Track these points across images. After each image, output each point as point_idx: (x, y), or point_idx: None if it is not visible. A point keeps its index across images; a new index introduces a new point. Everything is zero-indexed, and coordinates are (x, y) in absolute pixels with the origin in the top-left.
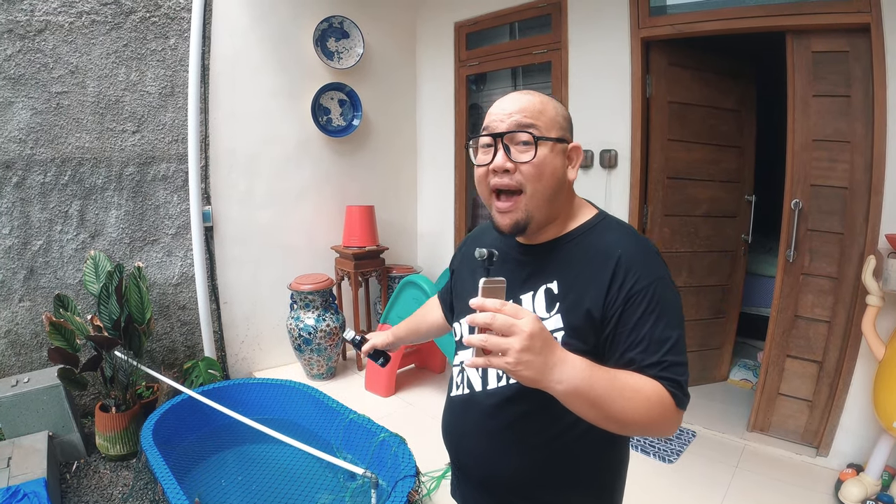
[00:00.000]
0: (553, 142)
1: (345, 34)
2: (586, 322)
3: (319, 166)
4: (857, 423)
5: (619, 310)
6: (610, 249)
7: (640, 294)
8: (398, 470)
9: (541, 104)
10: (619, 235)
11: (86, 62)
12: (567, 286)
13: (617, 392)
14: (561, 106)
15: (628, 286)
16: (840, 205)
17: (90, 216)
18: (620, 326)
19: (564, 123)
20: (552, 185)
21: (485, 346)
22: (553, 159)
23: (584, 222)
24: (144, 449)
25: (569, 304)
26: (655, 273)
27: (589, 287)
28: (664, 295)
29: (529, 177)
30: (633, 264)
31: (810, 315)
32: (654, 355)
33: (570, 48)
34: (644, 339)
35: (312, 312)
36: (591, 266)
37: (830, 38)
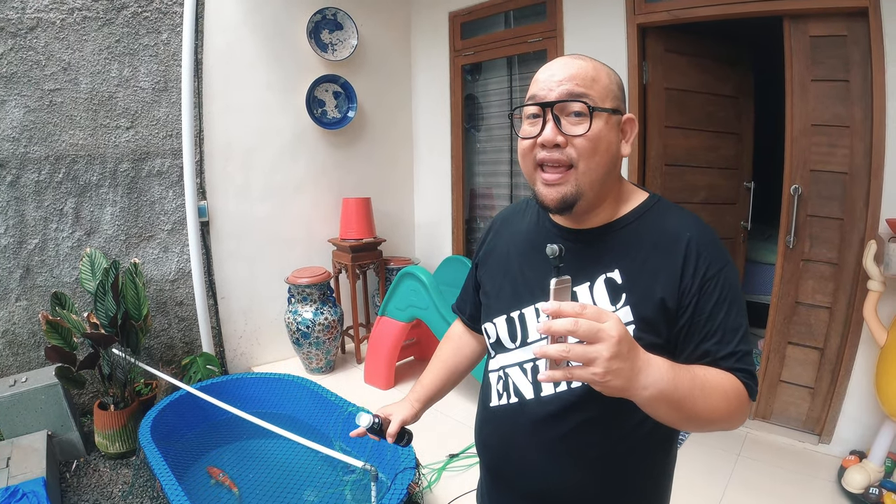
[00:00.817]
0: (608, 113)
1: (338, 26)
2: (660, 313)
3: (315, 159)
4: (859, 410)
5: (696, 297)
6: (677, 232)
7: (713, 279)
8: (398, 462)
9: (594, 70)
10: (683, 217)
11: (78, 59)
12: (633, 275)
13: (698, 391)
14: (614, 73)
15: (702, 271)
16: (840, 190)
17: (85, 213)
18: (697, 315)
19: (619, 92)
20: (606, 161)
21: (567, 357)
22: (608, 132)
23: (640, 205)
24: (143, 446)
25: (638, 295)
26: (725, 257)
27: (659, 274)
28: (734, 281)
29: (583, 151)
30: (703, 248)
31: (811, 301)
32: (729, 345)
33: (566, 36)
34: (719, 329)
35: (310, 306)
36: (658, 251)
37: (828, 22)
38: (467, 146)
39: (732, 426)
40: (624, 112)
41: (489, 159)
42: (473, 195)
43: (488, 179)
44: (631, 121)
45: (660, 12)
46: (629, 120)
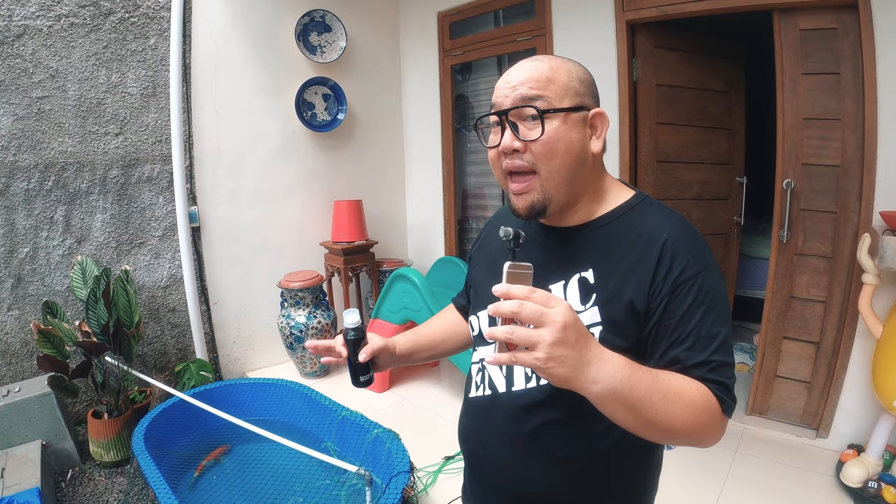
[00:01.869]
0: (566, 112)
1: (327, 28)
2: (628, 315)
3: (305, 162)
4: (856, 404)
5: (665, 300)
6: (654, 233)
7: (687, 283)
8: (392, 466)
9: (550, 70)
10: (664, 218)
11: (66, 66)
12: (605, 275)
13: (659, 395)
14: (578, 67)
15: (675, 273)
16: (832, 183)
17: (76, 221)
18: (665, 319)
19: (582, 88)
20: (569, 162)
21: (510, 340)
22: (567, 132)
23: (622, 203)
24: (136, 454)
25: (607, 295)
26: (704, 261)
27: (631, 275)
28: (713, 286)
29: (540, 156)
30: (680, 249)
31: (806, 295)
32: (702, 353)
33: (555, 33)
34: (691, 335)
35: (303, 310)
36: (633, 251)
37: (818, 15)
38: (458, 146)
39: (703, 441)
40: (591, 107)
41: (480, 159)
42: (465, 195)
43: (480, 179)
44: (599, 115)
45: (648, 8)
46: (597, 114)
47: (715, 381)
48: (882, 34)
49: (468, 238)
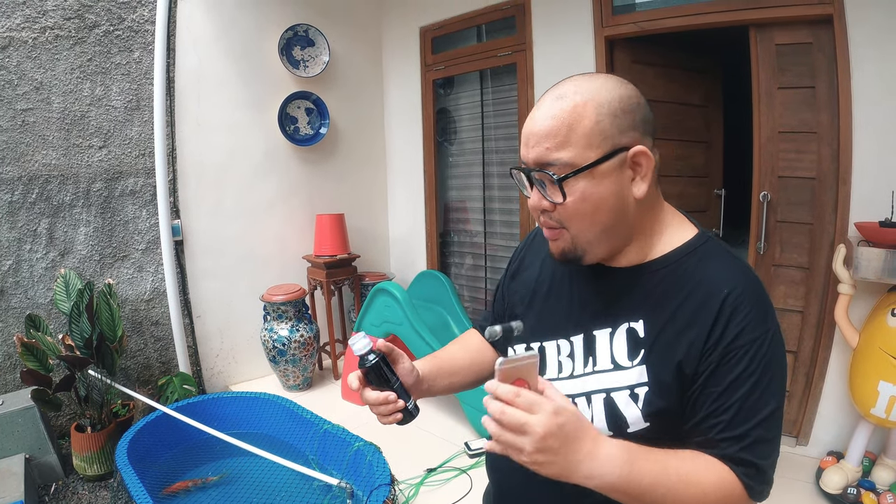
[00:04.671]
0: (594, 167)
1: (310, 42)
2: (676, 378)
3: (288, 176)
4: (835, 411)
5: (714, 365)
6: (715, 284)
7: (743, 348)
8: (373, 479)
9: (573, 113)
10: (727, 267)
11: (50, 78)
12: (656, 329)
13: (663, 489)
14: (614, 94)
15: (731, 336)
16: (808, 195)
17: (59, 234)
18: (710, 386)
19: (614, 125)
20: (602, 219)
21: (498, 440)
22: (596, 188)
23: (681, 245)
24: (119, 468)
25: (659, 354)
26: (766, 324)
27: (685, 333)
28: (772, 354)
29: (567, 218)
30: (741, 307)
31: (783, 306)
32: (739, 427)
33: (535, 49)
34: (732, 407)
35: (286, 323)
36: (690, 305)
37: (793, 30)
38: (440, 160)
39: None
40: (631, 145)
41: (462, 173)
42: (447, 209)
43: (461, 193)
44: (643, 154)
45: (626, 24)
46: (639, 153)
47: (746, 463)
48: (857, 48)
49: (450, 251)
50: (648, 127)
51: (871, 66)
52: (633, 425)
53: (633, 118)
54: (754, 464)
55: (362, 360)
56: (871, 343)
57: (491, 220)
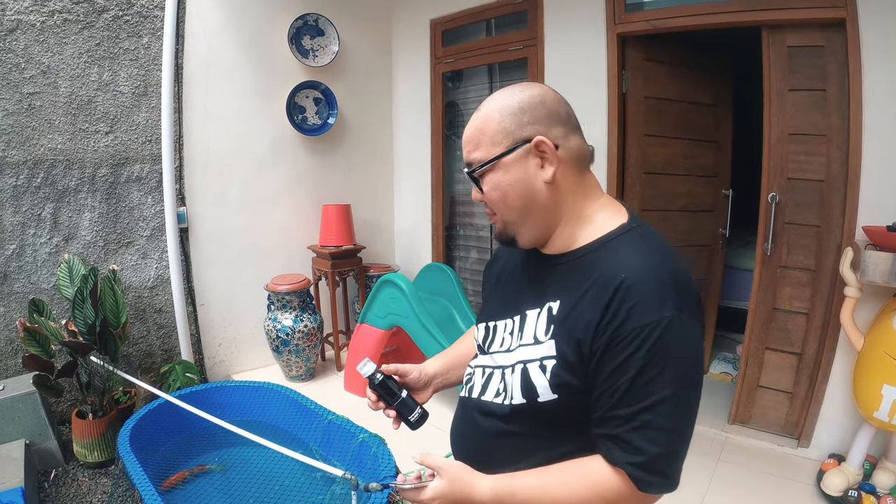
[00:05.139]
0: (498, 159)
1: (320, 32)
2: (576, 354)
3: (295, 165)
4: (837, 414)
5: (604, 346)
6: (613, 272)
7: (632, 333)
8: (378, 471)
9: (483, 121)
10: (633, 255)
11: (58, 62)
12: (566, 309)
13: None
14: (513, 98)
15: (619, 320)
16: (816, 198)
17: (63, 219)
18: (602, 366)
19: (510, 124)
20: (518, 203)
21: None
22: (505, 177)
23: (604, 234)
24: (121, 456)
25: (564, 331)
26: (661, 312)
27: (585, 313)
28: (665, 341)
29: (493, 204)
30: (632, 294)
31: (789, 307)
32: (626, 408)
33: (546, 44)
34: (621, 388)
35: (290, 313)
36: (593, 289)
37: (806, 32)
38: (448, 153)
39: None
40: (527, 139)
41: None
42: (453, 202)
43: (468, 186)
44: (540, 143)
45: (639, 22)
46: (538, 143)
47: (633, 448)
48: (869, 53)
49: (455, 245)
50: (556, 120)
51: (883, 70)
52: (542, 395)
53: (533, 114)
54: (641, 449)
55: (371, 380)
56: (875, 347)
57: None
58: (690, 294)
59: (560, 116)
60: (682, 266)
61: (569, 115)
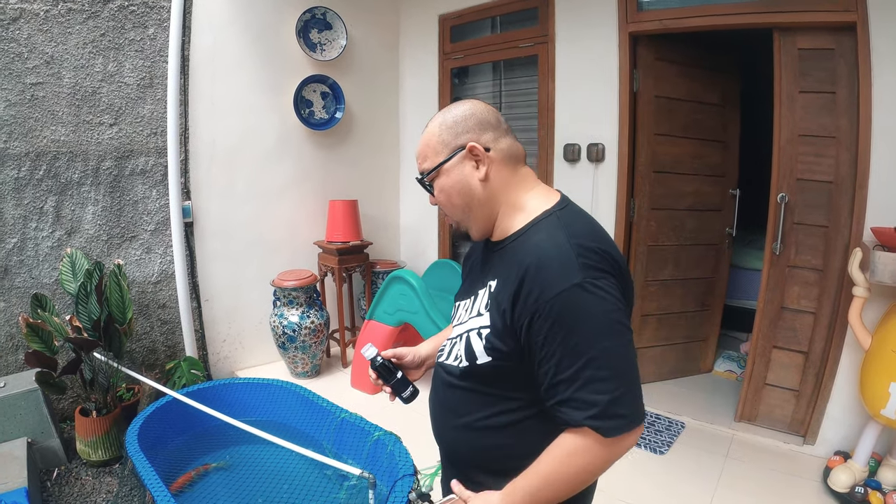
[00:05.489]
0: (440, 167)
1: (328, 25)
2: (503, 323)
3: (301, 160)
4: (843, 412)
5: (527, 321)
6: (525, 256)
7: (544, 310)
8: (395, 469)
9: (427, 137)
10: (542, 238)
11: (62, 52)
12: (499, 286)
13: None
14: (448, 114)
15: (532, 299)
16: (825, 198)
17: (66, 212)
18: (531, 338)
19: (447, 136)
20: (462, 201)
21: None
22: (449, 179)
23: (531, 220)
24: (131, 455)
25: (496, 304)
26: (565, 282)
27: (507, 289)
28: (576, 306)
29: (443, 205)
30: (538, 274)
31: (796, 306)
32: (566, 371)
33: (557, 42)
34: (555, 355)
35: (296, 309)
36: (513, 269)
37: (817, 35)
38: None
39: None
40: (460, 148)
41: None
42: None
43: None
44: (471, 148)
45: (651, 21)
46: (469, 149)
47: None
48: (879, 57)
49: (461, 241)
50: (486, 127)
51: (892, 74)
52: (479, 358)
53: (465, 125)
54: (592, 401)
55: (373, 362)
56: (883, 345)
57: None
58: (595, 256)
59: (490, 123)
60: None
61: (498, 121)
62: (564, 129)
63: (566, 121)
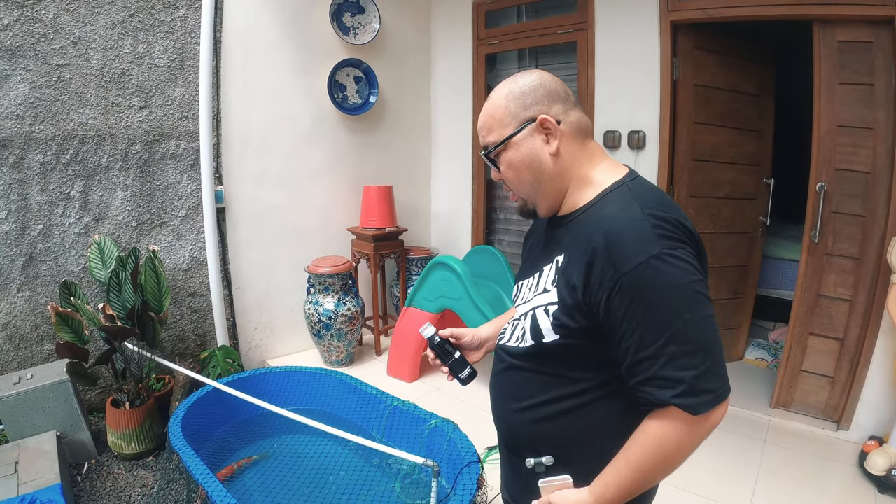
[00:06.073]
0: (508, 140)
1: (360, 9)
2: (573, 299)
3: (335, 145)
4: (877, 398)
5: (603, 299)
6: (596, 228)
7: (621, 283)
8: (458, 457)
9: (493, 108)
10: (613, 210)
11: (89, 32)
12: (567, 261)
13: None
14: (514, 84)
15: (609, 274)
16: (862, 188)
17: (94, 198)
18: (610, 315)
19: (515, 108)
20: (529, 177)
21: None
22: (518, 153)
23: (599, 192)
24: (176, 448)
25: (565, 280)
26: (642, 254)
27: (578, 263)
28: (654, 278)
29: (509, 182)
30: (613, 247)
31: (833, 294)
32: (648, 348)
33: (597, 29)
34: (636, 332)
35: (332, 296)
36: (582, 244)
37: (855, 28)
38: None
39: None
40: (531, 120)
41: None
42: (491, 185)
43: None
44: (542, 121)
45: (693, 10)
46: (541, 122)
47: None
48: None
49: (495, 228)
50: (555, 98)
51: None
52: (546, 336)
53: (534, 96)
54: (679, 378)
55: (430, 341)
56: None
57: None
58: (670, 226)
59: (559, 95)
60: (664, 202)
61: (567, 93)
62: (604, 116)
63: (606, 108)
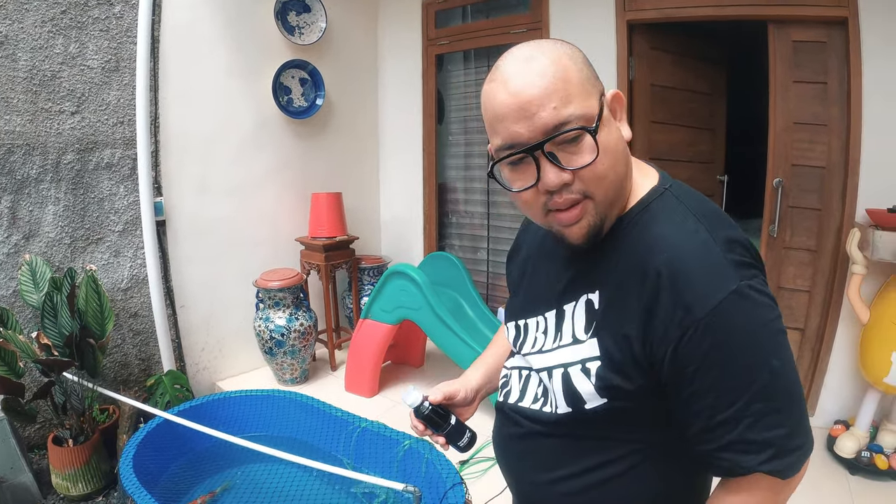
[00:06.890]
0: (601, 115)
1: (306, 8)
2: (626, 354)
3: (280, 151)
4: (840, 383)
5: (669, 353)
6: (651, 252)
7: (697, 329)
8: (439, 480)
9: (559, 71)
10: (669, 229)
11: (17, 31)
12: (608, 299)
13: None
14: (573, 51)
15: (677, 320)
16: (818, 183)
17: (23, 214)
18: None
19: (592, 74)
20: (619, 171)
21: None
22: (609, 136)
23: (641, 199)
24: (128, 491)
25: (607, 326)
26: (720, 291)
27: (628, 309)
28: (737, 319)
29: (596, 179)
30: (678, 283)
31: (792, 286)
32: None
33: (552, 28)
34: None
35: (283, 311)
36: (632, 274)
37: (809, 28)
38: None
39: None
40: (604, 91)
41: (459, 152)
42: (444, 190)
43: (460, 173)
44: (616, 97)
45: (649, 10)
46: (614, 96)
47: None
48: (868, 50)
49: (447, 233)
50: None
51: (881, 67)
52: (589, 401)
53: (592, 67)
54: (767, 441)
55: (417, 410)
56: (882, 317)
57: (494, 202)
58: (741, 248)
59: None
60: (722, 216)
61: None
62: None
63: None
